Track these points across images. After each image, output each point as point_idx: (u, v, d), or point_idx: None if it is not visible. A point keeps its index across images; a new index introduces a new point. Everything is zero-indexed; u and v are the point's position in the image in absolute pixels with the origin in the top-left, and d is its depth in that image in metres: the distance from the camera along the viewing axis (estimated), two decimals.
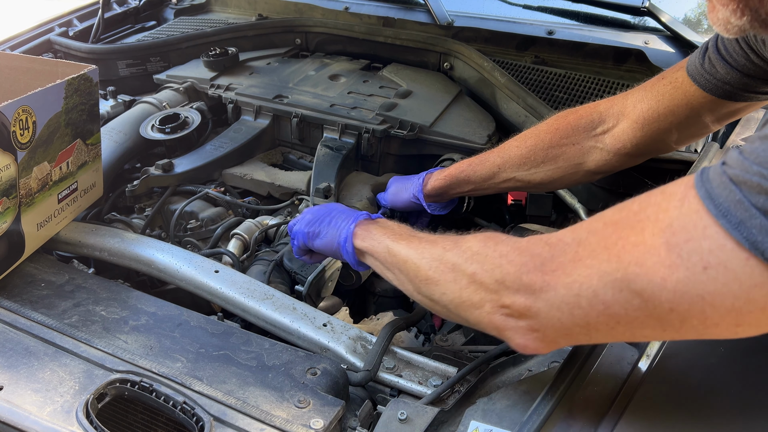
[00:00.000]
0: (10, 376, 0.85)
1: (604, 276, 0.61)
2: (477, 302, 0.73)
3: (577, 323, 0.65)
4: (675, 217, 0.58)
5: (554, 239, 0.69)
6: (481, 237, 0.77)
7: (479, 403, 0.82)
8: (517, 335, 0.71)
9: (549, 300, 0.66)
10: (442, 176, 1.29)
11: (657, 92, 1.05)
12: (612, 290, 0.61)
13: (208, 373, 0.88)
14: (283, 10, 2.10)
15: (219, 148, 1.56)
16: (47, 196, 1.13)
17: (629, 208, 0.64)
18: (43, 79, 1.08)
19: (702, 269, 0.55)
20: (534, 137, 1.18)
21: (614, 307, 0.61)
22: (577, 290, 0.63)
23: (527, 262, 0.68)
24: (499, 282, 0.70)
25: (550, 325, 0.67)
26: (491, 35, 1.82)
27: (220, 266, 1.15)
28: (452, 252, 0.78)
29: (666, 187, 0.62)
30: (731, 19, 0.68)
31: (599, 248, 0.63)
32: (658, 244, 0.58)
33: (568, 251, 0.66)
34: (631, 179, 1.32)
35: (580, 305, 0.64)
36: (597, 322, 0.63)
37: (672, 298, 0.57)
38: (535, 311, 0.67)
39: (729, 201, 0.54)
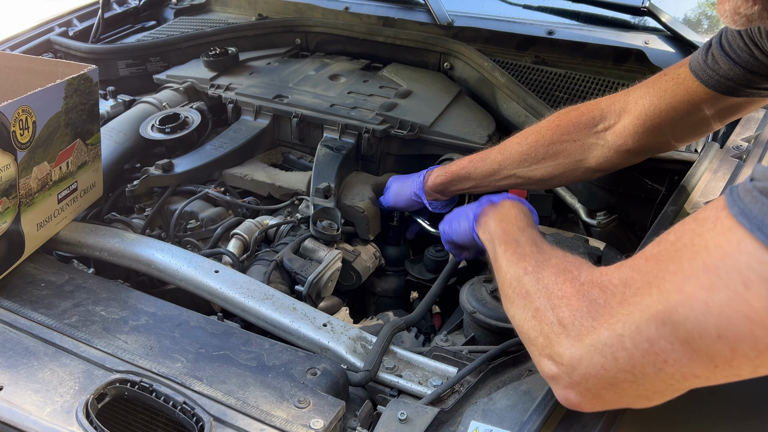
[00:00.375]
0: (10, 376, 0.85)
1: (646, 310, 0.59)
2: (532, 339, 0.72)
3: (621, 368, 0.61)
4: (710, 239, 0.56)
5: (606, 281, 0.66)
6: (558, 268, 0.75)
7: (479, 403, 0.82)
8: (559, 386, 0.68)
9: (592, 344, 0.63)
10: (443, 173, 1.29)
11: (659, 88, 1.05)
12: (655, 323, 0.58)
13: (208, 373, 0.88)
14: (283, 10, 2.10)
15: (219, 148, 1.56)
16: (47, 196, 1.13)
17: (666, 239, 0.62)
18: (43, 79, 1.08)
19: (743, 286, 0.52)
20: (535, 134, 1.18)
21: (659, 344, 0.58)
22: (621, 330, 0.60)
23: (582, 308, 0.66)
24: (553, 324, 0.68)
25: (593, 373, 0.63)
26: (491, 35, 1.82)
27: (220, 266, 1.15)
28: (530, 277, 0.77)
29: (698, 213, 0.61)
30: (741, 8, 0.68)
31: (642, 284, 0.61)
32: (695, 267, 0.56)
33: (617, 293, 0.64)
34: (631, 179, 1.33)
35: (624, 347, 0.60)
36: (643, 364, 0.59)
37: (718, 322, 0.54)
38: (578, 358, 0.64)
39: (762, 213, 0.53)
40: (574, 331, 0.65)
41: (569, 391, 0.67)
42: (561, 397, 0.69)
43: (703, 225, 0.58)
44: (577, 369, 0.64)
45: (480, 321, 1.03)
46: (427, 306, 1.18)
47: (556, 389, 0.69)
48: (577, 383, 0.65)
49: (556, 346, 0.67)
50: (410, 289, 1.52)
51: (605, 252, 1.20)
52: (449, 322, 1.30)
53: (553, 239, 1.19)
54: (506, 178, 1.22)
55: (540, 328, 0.70)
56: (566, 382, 0.66)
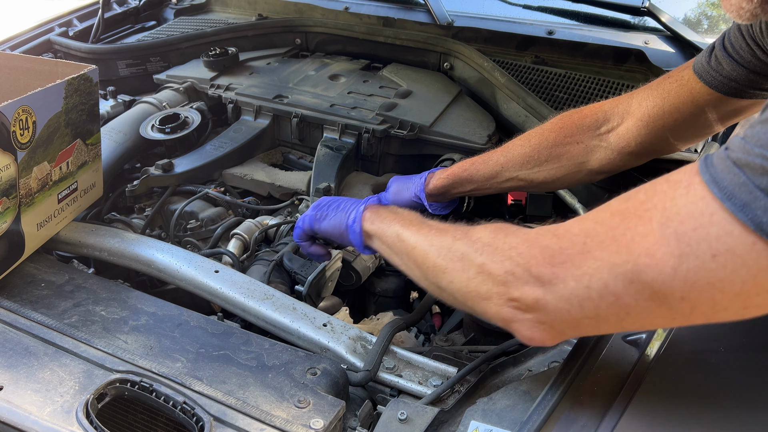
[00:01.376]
0: (10, 376, 0.85)
1: (615, 268, 0.62)
2: (485, 293, 0.73)
3: (586, 315, 0.65)
4: (682, 205, 0.58)
5: (562, 230, 0.69)
6: (492, 228, 0.76)
7: (479, 403, 0.82)
8: (524, 328, 0.71)
9: (558, 293, 0.66)
10: (445, 175, 1.29)
11: (663, 90, 1.06)
12: (623, 282, 0.61)
13: (208, 373, 0.88)
14: (283, 10, 2.10)
15: (219, 148, 1.56)
16: (47, 196, 1.13)
17: (635, 197, 0.64)
18: (43, 79, 1.08)
19: (711, 257, 0.55)
20: (538, 136, 1.18)
21: (625, 299, 0.62)
22: (587, 282, 0.64)
23: (536, 255, 0.68)
24: (508, 274, 0.70)
25: (559, 317, 0.67)
26: (491, 35, 1.82)
27: (220, 266, 1.15)
28: (462, 241, 0.78)
29: (671, 175, 0.62)
30: (743, 3, 0.69)
31: (608, 239, 0.63)
32: (667, 233, 0.58)
33: (576, 243, 0.66)
34: (631, 179, 1.32)
35: (590, 297, 0.64)
36: (607, 314, 0.64)
37: (683, 287, 0.57)
38: (544, 304, 0.67)
39: (733, 184, 0.55)
40: (533, 278, 0.68)
41: (535, 330, 0.70)
42: (525, 336, 0.71)
43: (676, 189, 0.60)
44: (540, 311, 0.68)
45: (480, 321, 1.03)
46: (427, 306, 1.18)
47: (519, 330, 0.71)
48: (542, 322, 0.69)
49: (515, 291, 0.69)
50: (410, 289, 1.52)
51: None
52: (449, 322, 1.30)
53: None
54: (508, 180, 1.22)
55: (491, 279, 0.72)
56: (529, 322, 0.70)
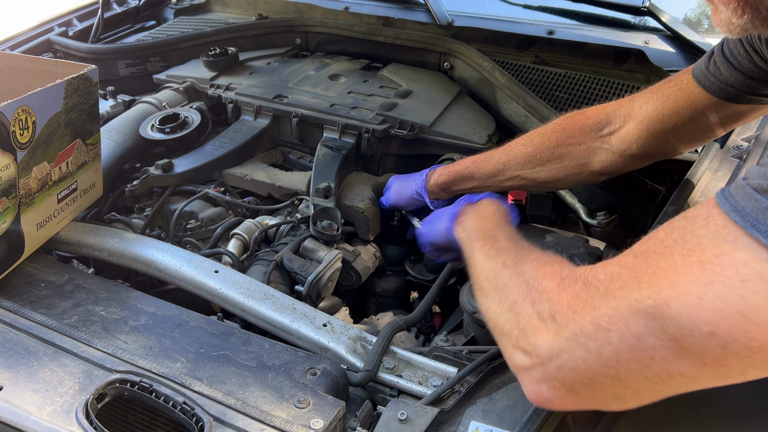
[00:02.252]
0: (10, 376, 0.85)
1: (635, 304, 0.57)
2: (507, 331, 0.70)
3: (605, 363, 0.59)
4: (703, 236, 0.55)
5: (590, 277, 0.64)
6: (539, 262, 0.74)
7: (479, 403, 0.82)
8: (530, 380, 0.66)
9: (574, 336, 0.61)
10: (446, 172, 1.29)
11: (663, 94, 1.06)
12: (644, 319, 0.56)
13: (208, 373, 0.88)
14: (283, 10, 2.10)
15: (219, 148, 1.56)
16: (47, 196, 1.13)
17: (655, 237, 0.61)
18: (42, 79, 1.08)
19: (739, 282, 0.51)
20: (540, 136, 1.19)
21: (648, 339, 0.56)
22: (606, 323, 0.58)
23: (563, 302, 0.64)
24: (532, 317, 0.66)
25: (571, 367, 0.61)
26: (491, 35, 1.82)
27: (220, 266, 1.15)
28: (508, 270, 0.76)
29: (688, 212, 0.60)
30: (733, 19, 0.69)
31: (629, 278, 0.59)
32: (689, 263, 0.55)
33: (600, 288, 0.62)
34: (631, 179, 1.32)
35: (609, 341, 0.58)
36: (628, 360, 0.58)
37: (710, 318, 0.52)
38: (557, 350, 0.62)
39: (756, 210, 0.53)
40: (554, 325, 0.63)
41: (542, 385, 0.64)
42: (531, 391, 0.66)
43: (695, 222, 0.57)
44: (554, 361, 0.62)
45: (480, 321, 1.03)
46: (427, 306, 1.18)
47: (526, 383, 0.67)
48: (552, 376, 0.63)
49: (533, 337, 0.65)
50: (410, 289, 1.52)
51: (605, 252, 1.20)
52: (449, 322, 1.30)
53: (553, 239, 1.19)
54: (510, 179, 1.22)
55: (516, 320, 0.69)
56: (539, 374, 0.64)
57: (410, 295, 1.53)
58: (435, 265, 1.42)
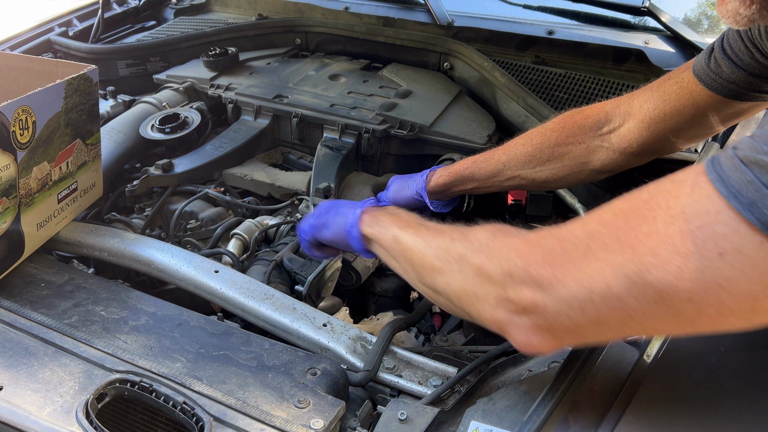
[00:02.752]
0: (10, 376, 0.85)
1: (618, 269, 0.59)
2: (481, 295, 0.71)
3: (588, 319, 0.63)
4: (686, 204, 0.57)
5: (564, 232, 0.66)
6: (491, 228, 0.74)
7: (479, 403, 0.82)
8: (520, 332, 0.68)
9: (559, 296, 0.63)
10: (446, 173, 1.29)
11: (663, 92, 1.06)
12: (627, 283, 0.59)
13: (208, 373, 0.88)
14: (283, 10, 2.10)
15: (219, 148, 1.56)
16: (47, 196, 1.13)
17: (638, 197, 0.62)
18: (43, 79, 1.08)
19: (718, 255, 0.54)
20: (540, 135, 1.18)
21: (628, 301, 0.59)
22: (589, 285, 0.61)
23: (536, 256, 0.66)
24: (506, 274, 0.67)
25: (558, 322, 0.65)
26: (491, 35, 1.82)
27: (220, 266, 1.15)
28: (460, 242, 0.75)
29: (675, 175, 0.60)
30: (740, 9, 0.69)
31: (611, 240, 0.61)
32: (671, 232, 0.56)
33: (579, 245, 0.64)
34: (631, 179, 1.32)
35: (592, 300, 0.61)
36: (609, 318, 0.61)
37: (689, 287, 0.55)
38: (543, 307, 0.65)
39: (740, 182, 0.53)
40: (532, 280, 0.65)
41: (530, 335, 0.67)
42: (521, 342, 0.68)
43: (680, 188, 0.58)
44: (538, 314, 0.65)
45: None
46: (427, 306, 1.18)
47: (515, 334, 0.69)
48: (539, 327, 0.66)
49: (512, 294, 0.67)
50: (410, 289, 1.52)
51: None
52: (449, 322, 1.30)
53: None
54: (510, 179, 1.22)
55: (488, 281, 0.69)
56: (526, 326, 0.67)
57: (410, 295, 1.53)
58: None
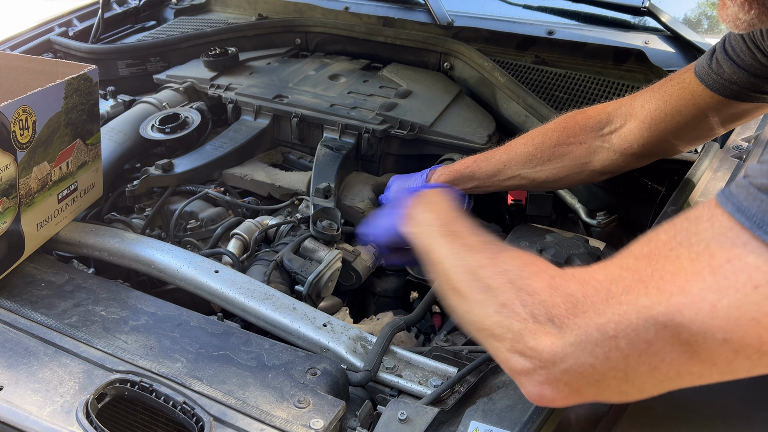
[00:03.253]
0: (10, 376, 0.85)
1: (644, 311, 0.56)
2: (498, 335, 0.67)
3: (613, 367, 0.58)
4: (710, 239, 0.54)
5: (587, 276, 0.63)
6: (521, 261, 0.71)
7: (479, 403, 0.82)
8: (532, 383, 0.64)
9: (579, 343, 0.60)
10: (447, 172, 1.29)
11: (665, 93, 1.06)
12: (655, 326, 0.55)
13: (208, 373, 0.88)
14: (283, 10, 2.10)
15: (219, 148, 1.56)
16: (47, 196, 1.13)
17: (657, 239, 0.59)
18: (43, 79, 1.08)
19: (753, 289, 0.50)
20: (541, 135, 1.18)
21: (658, 345, 0.55)
22: (614, 331, 0.57)
23: (558, 303, 0.62)
24: (526, 320, 0.64)
25: (578, 372, 0.60)
26: (491, 35, 1.82)
27: (220, 266, 1.15)
28: (488, 270, 0.72)
29: (688, 213, 0.58)
30: (740, 14, 0.69)
31: (634, 282, 0.58)
32: (699, 268, 0.53)
33: (600, 290, 0.60)
34: (631, 179, 1.32)
35: (618, 347, 0.57)
36: (637, 364, 0.57)
37: (725, 326, 0.52)
38: (561, 355, 0.61)
39: (762, 211, 0.51)
40: (553, 328, 0.62)
41: (545, 387, 0.64)
42: (533, 393, 0.65)
43: (698, 224, 0.56)
44: (558, 365, 0.61)
45: None
46: (427, 306, 1.18)
47: (527, 385, 0.65)
48: (557, 379, 0.62)
49: (531, 341, 0.63)
50: (410, 289, 1.52)
51: (605, 252, 1.20)
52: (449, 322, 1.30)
53: (553, 239, 1.19)
54: (510, 178, 1.22)
55: (508, 324, 0.66)
56: (542, 377, 0.63)
57: (410, 295, 1.53)
58: None
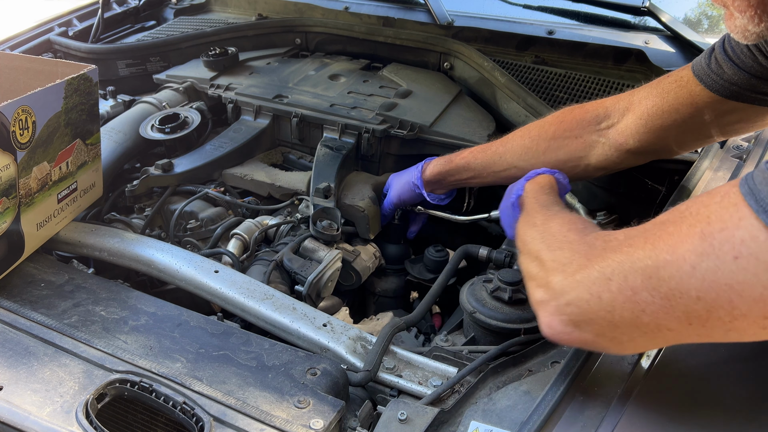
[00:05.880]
0: (10, 376, 0.85)
1: (636, 261, 0.63)
2: (533, 274, 0.78)
3: (603, 307, 0.66)
4: (713, 210, 0.59)
5: (610, 235, 0.72)
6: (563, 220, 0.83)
7: (479, 403, 0.82)
8: (546, 313, 0.73)
9: (582, 280, 0.68)
10: (441, 162, 1.29)
11: (662, 89, 1.06)
12: (641, 276, 0.62)
13: (208, 373, 0.88)
14: (283, 10, 2.10)
15: (219, 148, 1.56)
16: (47, 196, 1.13)
17: (678, 208, 0.66)
18: (42, 79, 1.08)
19: (732, 258, 0.56)
20: (538, 128, 1.19)
21: (641, 294, 0.62)
22: (609, 273, 0.65)
23: (581, 250, 0.72)
24: (553, 261, 0.74)
25: (576, 305, 0.69)
26: (491, 35, 1.82)
27: (219, 266, 1.15)
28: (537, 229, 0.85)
29: (711, 190, 0.64)
30: (749, 26, 0.70)
31: (639, 239, 0.65)
32: (692, 233, 0.59)
33: (614, 243, 0.69)
34: (631, 179, 1.32)
35: (609, 289, 0.65)
36: (623, 308, 0.64)
37: (700, 285, 0.58)
38: (565, 288, 0.70)
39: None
40: (569, 268, 0.71)
41: (553, 317, 0.72)
42: (544, 323, 0.74)
43: (712, 198, 0.61)
44: (562, 297, 0.70)
45: (480, 321, 1.03)
46: (427, 306, 1.18)
47: (541, 315, 0.74)
48: (560, 310, 0.71)
49: (551, 277, 0.73)
50: (410, 289, 1.52)
51: None
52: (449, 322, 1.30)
53: None
54: (506, 170, 1.22)
55: (540, 265, 0.77)
56: (552, 307, 0.72)
57: (410, 295, 1.53)
58: (435, 265, 1.42)
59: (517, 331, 0.99)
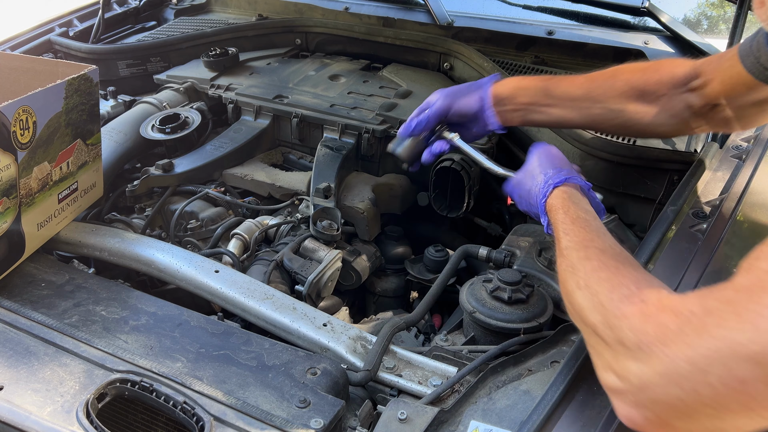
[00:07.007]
0: (10, 376, 0.85)
1: (738, 348, 0.53)
2: (597, 351, 0.68)
3: (703, 403, 0.56)
4: None
5: (683, 307, 0.61)
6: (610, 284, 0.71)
7: (479, 402, 0.82)
8: (623, 404, 0.64)
9: (667, 374, 0.58)
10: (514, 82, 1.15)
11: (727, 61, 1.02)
12: (749, 364, 0.53)
13: (208, 373, 0.88)
14: (283, 10, 2.10)
15: (219, 148, 1.56)
16: (47, 196, 1.14)
17: (758, 267, 0.57)
18: (43, 79, 1.08)
19: None
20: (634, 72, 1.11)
21: (753, 384, 0.53)
22: (705, 365, 0.55)
23: (649, 332, 0.61)
24: (617, 343, 0.64)
25: (665, 402, 0.59)
26: (491, 35, 1.82)
27: (220, 266, 1.15)
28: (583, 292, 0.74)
29: None
30: None
31: (729, 316, 0.55)
32: None
33: (693, 321, 0.58)
34: (631, 179, 1.33)
35: (708, 382, 0.55)
36: (729, 401, 0.55)
37: None
38: (648, 383, 0.60)
39: None
40: (642, 355, 0.60)
41: (633, 411, 0.62)
42: (623, 414, 0.64)
43: None
44: (645, 393, 0.60)
45: (480, 321, 1.03)
46: (427, 306, 1.18)
47: (618, 405, 0.65)
48: (645, 406, 0.61)
49: (622, 362, 0.63)
50: (410, 289, 1.52)
51: None
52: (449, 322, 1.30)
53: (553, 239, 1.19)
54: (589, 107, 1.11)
55: (599, 341, 0.67)
56: (632, 401, 0.62)
57: (410, 295, 1.53)
58: (435, 265, 1.42)
59: (517, 330, 0.99)
